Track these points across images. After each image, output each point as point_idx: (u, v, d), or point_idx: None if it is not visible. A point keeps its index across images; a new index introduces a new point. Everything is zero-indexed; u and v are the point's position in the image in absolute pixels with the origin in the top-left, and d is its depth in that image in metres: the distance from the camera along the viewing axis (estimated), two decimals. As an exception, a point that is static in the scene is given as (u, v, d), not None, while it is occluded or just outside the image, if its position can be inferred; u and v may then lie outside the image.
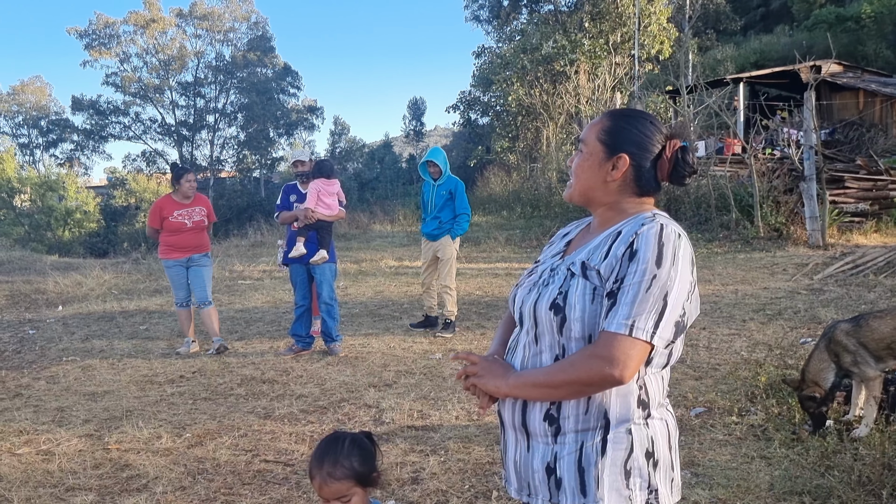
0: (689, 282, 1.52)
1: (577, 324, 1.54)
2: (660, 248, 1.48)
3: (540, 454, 1.59)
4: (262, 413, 4.83)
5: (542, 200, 17.27)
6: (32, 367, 6.34)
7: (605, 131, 1.65)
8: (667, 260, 1.48)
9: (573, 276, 1.58)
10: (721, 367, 5.31)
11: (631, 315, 1.46)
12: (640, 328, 1.45)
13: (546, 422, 1.57)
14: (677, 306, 1.49)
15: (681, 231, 1.56)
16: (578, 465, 1.54)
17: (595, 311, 1.53)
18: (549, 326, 1.57)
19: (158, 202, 6.71)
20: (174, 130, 40.89)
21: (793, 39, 25.84)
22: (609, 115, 1.69)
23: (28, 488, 3.75)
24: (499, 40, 30.33)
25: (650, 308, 1.46)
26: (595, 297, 1.53)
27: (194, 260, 6.62)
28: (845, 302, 7.15)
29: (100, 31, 38.99)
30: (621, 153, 1.62)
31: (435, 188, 6.91)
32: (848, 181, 11.90)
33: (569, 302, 1.55)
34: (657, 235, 1.50)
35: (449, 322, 6.87)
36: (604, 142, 1.64)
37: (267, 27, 42.17)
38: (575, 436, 1.55)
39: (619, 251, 1.52)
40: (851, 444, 3.78)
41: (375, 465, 1.91)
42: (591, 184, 1.66)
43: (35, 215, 33.44)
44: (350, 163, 39.44)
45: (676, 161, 1.63)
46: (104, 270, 12.47)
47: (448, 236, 6.85)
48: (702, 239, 11.75)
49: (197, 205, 6.66)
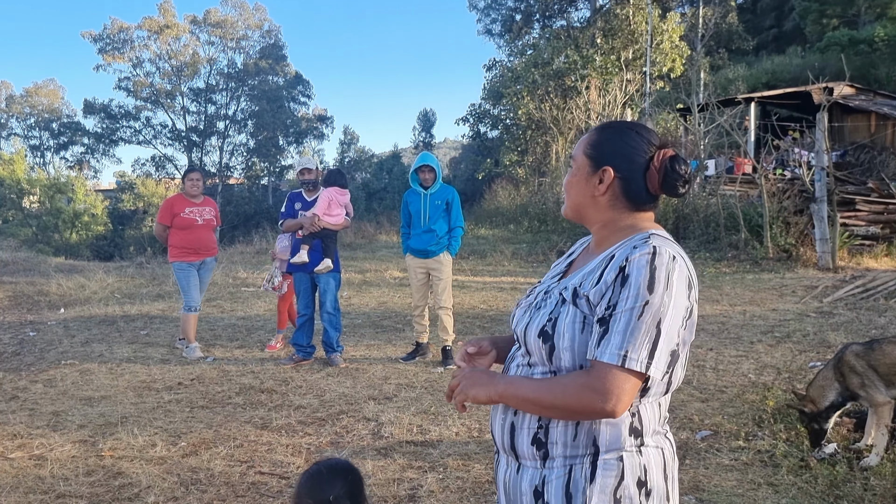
0: (685, 307, 1.45)
1: (566, 353, 1.49)
2: (651, 272, 1.41)
3: (528, 477, 1.55)
4: (260, 423, 4.75)
5: (550, 215, 17.19)
6: (31, 369, 6.29)
7: (590, 145, 1.62)
8: (659, 285, 1.41)
9: (564, 303, 1.53)
10: (728, 389, 5.21)
11: (623, 345, 1.39)
12: (634, 359, 1.39)
13: (534, 446, 1.53)
14: (672, 334, 1.42)
15: (677, 252, 1.48)
16: (566, 490, 1.49)
17: (585, 340, 1.47)
18: (540, 355, 1.53)
19: (169, 199, 6.81)
20: (184, 136, 41.04)
21: (805, 61, 25.81)
22: (596, 129, 1.66)
23: (18, 494, 3.68)
24: (510, 54, 30.43)
25: (643, 337, 1.39)
26: (585, 327, 1.48)
27: (206, 263, 6.67)
28: (855, 326, 7.03)
29: (114, 35, 39.24)
30: (606, 166, 1.58)
31: (427, 197, 6.21)
32: (859, 204, 11.79)
33: (557, 330, 1.50)
34: (649, 260, 1.43)
35: (447, 350, 6.23)
36: (589, 155, 1.61)
37: (279, 36, 42.39)
38: (563, 460, 1.51)
39: (609, 277, 1.46)
40: (861, 474, 3.68)
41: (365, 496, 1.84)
42: (580, 200, 1.63)
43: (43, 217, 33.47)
44: (358, 173, 39.42)
45: (666, 170, 1.56)
46: (108, 274, 12.44)
47: (446, 253, 6.21)
48: (710, 258, 11.64)
49: (207, 205, 6.73)
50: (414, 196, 6.34)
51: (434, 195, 6.23)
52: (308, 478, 1.92)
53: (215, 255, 6.79)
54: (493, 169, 26.14)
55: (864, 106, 19.90)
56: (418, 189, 6.30)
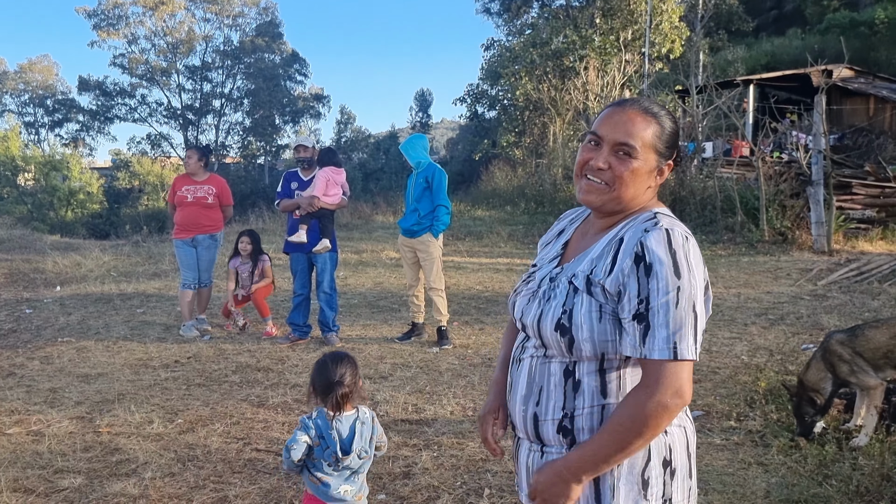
0: (704, 281, 1.47)
1: (586, 344, 1.48)
2: (673, 257, 1.41)
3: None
4: (256, 401, 4.79)
5: (547, 196, 17.18)
6: (27, 346, 6.31)
7: (661, 139, 1.53)
8: (683, 268, 1.41)
9: (577, 292, 1.50)
10: (721, 370, 5.26)
11: (671, 337, 1.40)
12: (684, 348, 1.40)
13: (560, 433, 1.53)
14: (703, 312, 1.44)
15: (686, 231, 1.48)
16: (594, 478, 1.50)
17: (604, 328, 1.46)
18: (558, 347, 1.52)
19: (175, 178, 6.95)
20: (180, 114, 40.82)
21: (805, 43, 25.68)
22: (654, 118, 1.54)
23: (16, 469, 3.72)
24: (509, 34, 30.18)
25: (686, 324, 1.40)
26: (602, 315, 1.47)
27: (199, 241, 6.67)
28: (849, 309, 7.07)
29: (108, 11, 38.84)
30: (670, 160, 1.57)
31: (414, 176, 6.24)
32: (855, 187, 11.81)
33: (574, 322, 1.48)
34: (667, 244, 1.42)
35: (443, 330, 6.21)
36: (658, 150, 1.54)
37: (276, 13, 42.02)
38: None
39: (624, 264, 1.44)
40: (850, 454, 3.73)
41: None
42: (638, 192, 1.55)
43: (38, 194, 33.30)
44: (355, 153, 39.26)
45: (679, 153, 1.60)
46: (104, 252, 12.44)
47: (429, 234, 6.09)
48: (706, 241, 11.67)
49: (207, 183, 6.73)
50: (410, 177, 6.43)
51: (419, 174, 6.18)
52: (318, 366, 2.61)
53: (212, 233, 6.77)
54: (490, 150, 26.06)
55: (863, 89, 19.85)
56: (414, 170, 6.34)
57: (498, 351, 5.90)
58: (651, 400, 1.40)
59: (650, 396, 1.40)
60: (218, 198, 6.79)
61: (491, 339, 6.38)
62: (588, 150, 1.56)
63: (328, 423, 2.51)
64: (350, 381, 2.54)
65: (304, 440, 2.51)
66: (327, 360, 2.60)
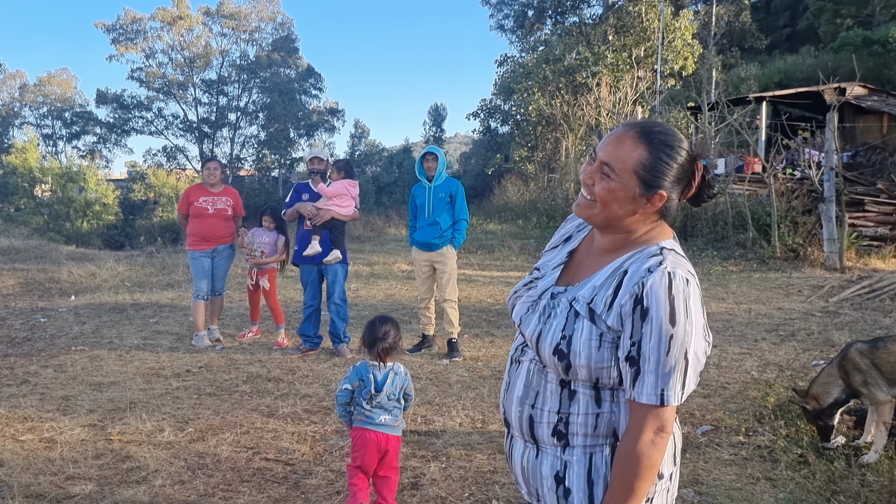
0: (703, 325, 1.48)
1: (582, 370, 1.51)
2: (671, 303, 1.41)
3: (549, 462, 1.59)
4: (266, 411, 4.82)
5: (559, 211, 17.19)
6: (41, 354, 6.39)
7: (644, 166, 1.49)
8: (680, 315, 1.41)
9: (577, 317, 1.52)
10: (730, 385, 5.24)
11: (658, 384, 1.43)
12: (670, 395, 1.44)
13: (554, 437, 1.57)
14: (698, 356, 1.46)
15: (689, 273, 1.47)
16: (588, 476, 1.54)
17: (602, 356, 1.49)
18: (555, 369, 1.55)
19: (188, 189, 6.97)
20: (196, 127, 41.24)
21: (818, 61, 25.63)
22: (647, 144, 1.50)
23: (29, 475, 3.76)
24: (522, 50, 30.36)
25: (675, 371, 1.43)
26: (602, 344, 1.49)
27: (219, 251, 6.75)
28: (860, 326, 7.04)
29: (127, 26, 39.44)
30: (660, 190, 1.51)
31: (431, 190, 6.23)
32: (868, 204, 11.75)
33: (573, 349, 1.50)
34: (667, 290, 1.42)
35: (453, 342, 6.25)
36: (642, 177, 1.50)
37: (292, 28, 42.52)
38: (584, 448, 1.55)
39: (624, 302, 1.46)
40: (859, 470, 3.72)
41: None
42: (619, 214, 1.53)
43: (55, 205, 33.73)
44: (369, 166, 39.52)
45: (702, 185, 1.56)
46: (118, 262, 12.56)
47: (450, 246, 6.22)
48: (717, 256, 11.64)
49: (224, 195, 6.81)
50: (420, 189, 6.38)
51: (438, 188, 6.24)
52: (368, 325, 3.34)
53: (230, 244, 6.86)
54: (502, 164, 26.13)
55: (876, 107, 19.76)
56: (424, 182, 6.33)
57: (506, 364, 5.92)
58: (638, 443, 1.46)
59: (637, 440, 1.46)
60: (234, 209, 6.89)
61: (501, 352, 6.40)
62: (587, 165, 1.59)
63: (368, 370, 3.27)
64: (392, 339, 3.28)
65: (346, 387, 3.27)
66: (376, 320, 3.34)
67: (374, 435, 3.24)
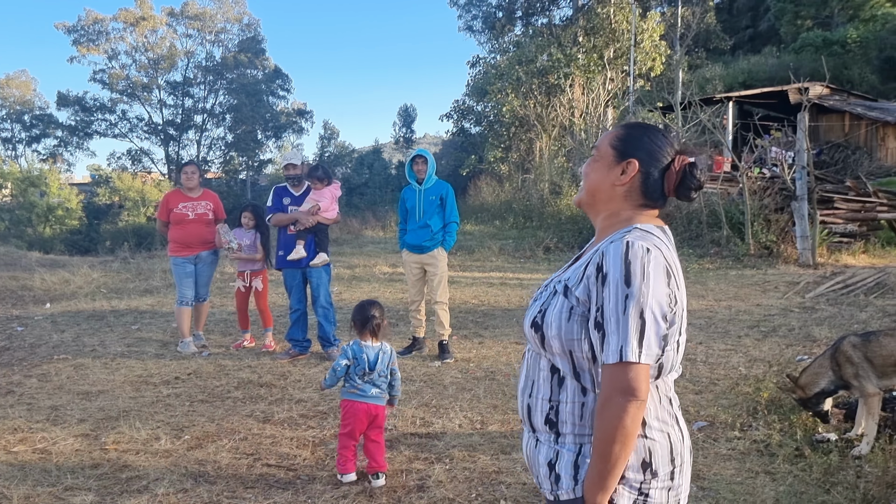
0: (666, 293, 1.53)
1: (555, 341, 1.61)
2: (626, 266, 1.50)
3: (544, 451, 1.67)
4: (262, 417, 4.78)
5: (535, 211, 17.30)
6: (23, 364, 6.24)
7: (617, 138, 1.71)
8: (636, 277, 1.49)
9: (555, 294, 1.65)
10: (720, 381, 5.34)
11: (618, 343, 1.48)
12: (627, 351, 1.48)
13: (547, 425, 1.66)
14: (658, 320, 1.50)
15: (653, 244, 1.54)
16: (574, 462, 1.62)
17: (571, 328, 1.58)
18: (534, 343, 1.67)
19: (167, 194, 6.86)
20: (161, 129, 40.61)
21: (780, 61, 26.23)
22: (624, 125, 1.76)
23: (26, 486, 3.69)
24: (493, 51, 30.49)
25: (631, 330, 1.48)
26: (571, 315, 1.58)
27: (202, 258, 6.64)
28: (838, 321, 7.22)
29: (88, 27, 38.70)
30: (631, 158, 1.67)
31: (421, 193, 6.22)
32: (837, 202, 12.05)
33: (546, 320, 1.62)
34: (623, 254, 1.51)
35: (444, 344, 6.27)
36: (615, 147, 1.69)
37: (258, 29, 42.15)
38: (574, 438, 1.62)
39: (590, 273, 1.57)
40: (854, 462, 3.82)
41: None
42: (598, 185, 1.70)
43: (16, 211, 32.89)
44: (339, 168, 39.27)
45: (684, 174, 1.67)
46: (92, 269, 12.32)
47: (441, 248, 6.23)
48: (693, 255, 11.84)
49: (203, 199, 6.71)
50: (410, 192, 6.36)
51: (428, 190, 6.24)
52: (357, 308, 3.85)
53: (213, 249, 6.75)
54: (476, 165, 26.21)
55: (838, 106, 20.31)
56: (414, 185, 6.32)
57: (498, 365, 5.95)
58: (605, 404, 1.49)
59: (604, 400, 1.50)
60: (214, 213, 6.79)
61: (491, 353, 6.43)
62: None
63: (361, 348, 3.73)
64: (380, 317, 3.80)
65: (344, 363, 3.70)
66: (364, 303, 3.88)
67: (365, 406, 3.71)
